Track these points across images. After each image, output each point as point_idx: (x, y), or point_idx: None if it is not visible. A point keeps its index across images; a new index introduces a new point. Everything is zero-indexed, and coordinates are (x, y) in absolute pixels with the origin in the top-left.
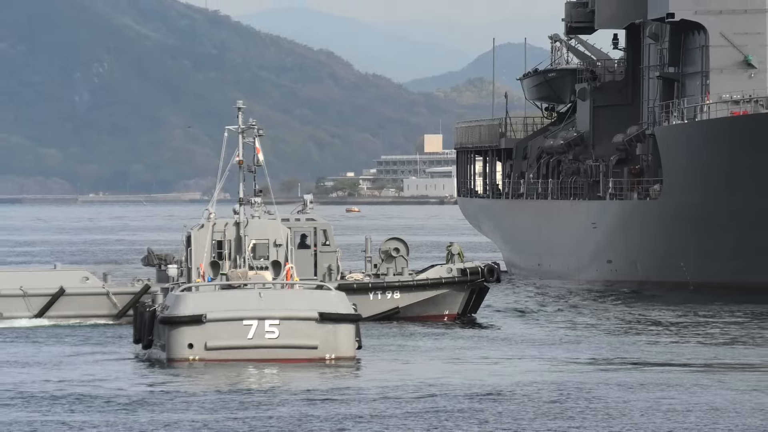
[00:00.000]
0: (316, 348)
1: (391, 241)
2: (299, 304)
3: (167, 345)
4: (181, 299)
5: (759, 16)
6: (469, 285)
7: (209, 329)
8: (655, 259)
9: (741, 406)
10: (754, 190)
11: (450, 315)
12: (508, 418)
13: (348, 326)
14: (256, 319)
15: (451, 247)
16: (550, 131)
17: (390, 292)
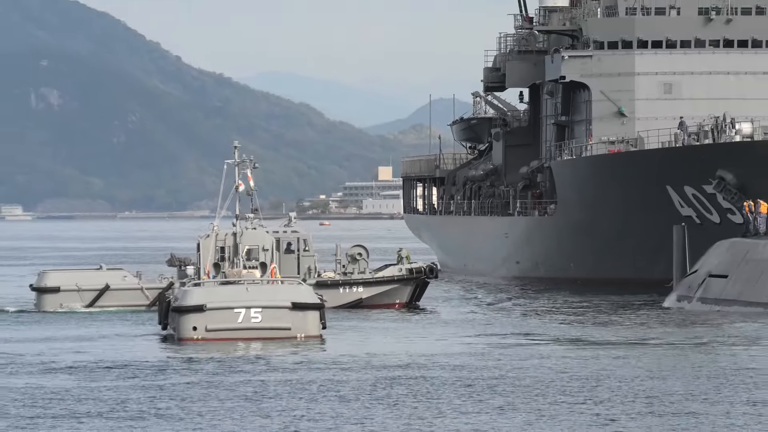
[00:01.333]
0: (289, 329)
1: (356, 247)
2: (277, 296)
3: (177, 327)
4: (187, 293)
5: (629, 78)
6: (415, 281)
7: (208, 315)
8: (552, 261)
9: (611, 373)
10: (624, 208)
11: (400, 304)
12: (440, 382)
13: (314, 312)
14: (244, 308)
15: (401, 251)
16: (473, 164)
17: (355, 286)
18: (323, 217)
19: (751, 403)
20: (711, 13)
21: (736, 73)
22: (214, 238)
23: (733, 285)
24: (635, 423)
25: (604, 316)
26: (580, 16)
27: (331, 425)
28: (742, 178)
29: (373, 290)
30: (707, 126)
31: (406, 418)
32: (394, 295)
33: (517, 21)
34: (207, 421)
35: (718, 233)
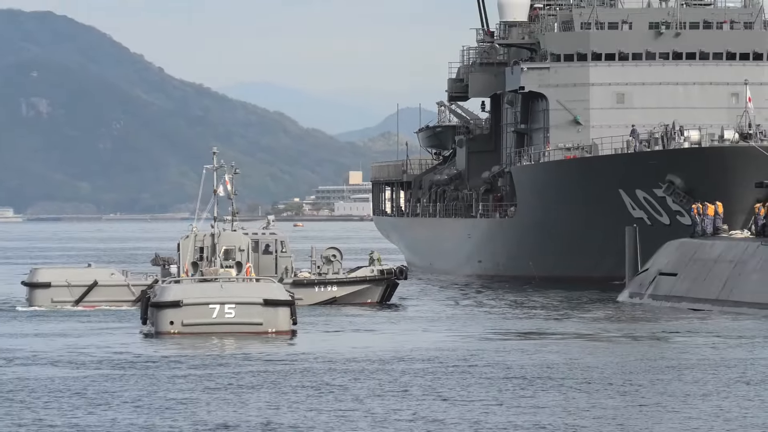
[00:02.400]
0: (261, 324)
1: (330, 249)
2: (249, 293)
3: (155, 322)
4: (165, 289)
5: (584, 88)
6: (386, 281)
7: (185, 311)
8: (512, 260)
9: (569, 364)
10: (579, 210)
11: (371, 302)
12: (406, 374)
13: (285, 308)
14: (218, 304)
15: (373, 254)
16: (438, 169)
17: (330, 285)
18: (297, 218)
19: (700, 392)
20: (661, 27)
21: (684, 83)
22: (194, 239)
23: (681, 282)
24: (594, 411)
25: (562, 311)
26: (538, 30)
27: (297, 416)
28: (690, 182)
29: (346, 289)
30: (657, 133)
31: (371, 409)
32: (366, 295)
33: (479, 35)
34: (174, 410)
35: (667, 234)
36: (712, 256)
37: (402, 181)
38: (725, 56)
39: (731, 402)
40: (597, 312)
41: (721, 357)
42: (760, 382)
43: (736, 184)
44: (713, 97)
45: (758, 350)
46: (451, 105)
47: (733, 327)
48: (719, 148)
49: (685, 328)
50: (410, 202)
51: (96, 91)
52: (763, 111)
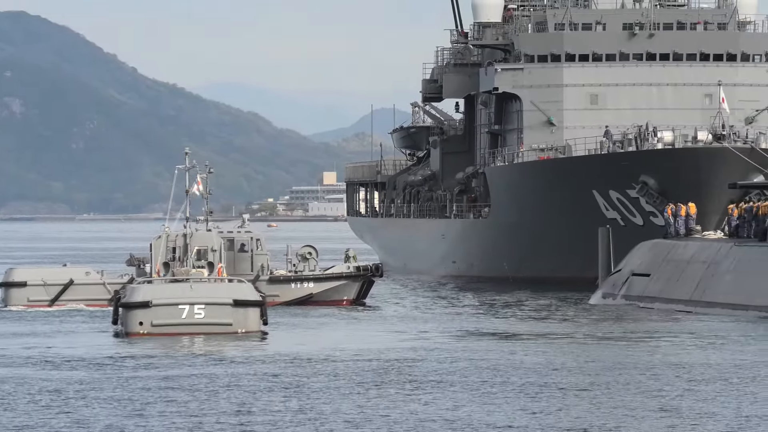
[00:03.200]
0: (231, 325)
1: (306, 247)
2: (219, 293)
3: (124, 322)
4: (134, 290)
5: (558, 89)
6: (362, 278)
7: (154, 311)
8: (486, 260)
9: (543, 364)
10: (553, 211)
11: (348, 300)
12: (377, 373)
13: (255, 309)
14: (187, 304)
15: (348, 251)
16: (412, 170)
17: (306, 282)
18: (271, 219)
19: (672, 393)
20: (635, 29)
21: (658, 84)
22: (165, 240)
23: (654, 283)
24: (567, 411)
25: (536, 312)
26: (512, 31)
27: (262, 417)
28: (663, 183)
29: (322, 286)
30: (631, 134)
31: (338, 410)
32: (342, 292)
33: (453, 36)
34: (138, 411)
35: (641, 235)
36: (685, 256)
37: (376, 182)
38: (699, 57)
39: (704, 402)
40: (569, 312)
41: (693, 358)
42: (733, 383)
43: (710, 185)
44: (687, 98)
45: (731, 351)
46: (425, 106)
47: (706, 328)
48: (693, 149)
49: (658, 329)
50: (384, 203)
51: (69, 91)
52: (737, 112)
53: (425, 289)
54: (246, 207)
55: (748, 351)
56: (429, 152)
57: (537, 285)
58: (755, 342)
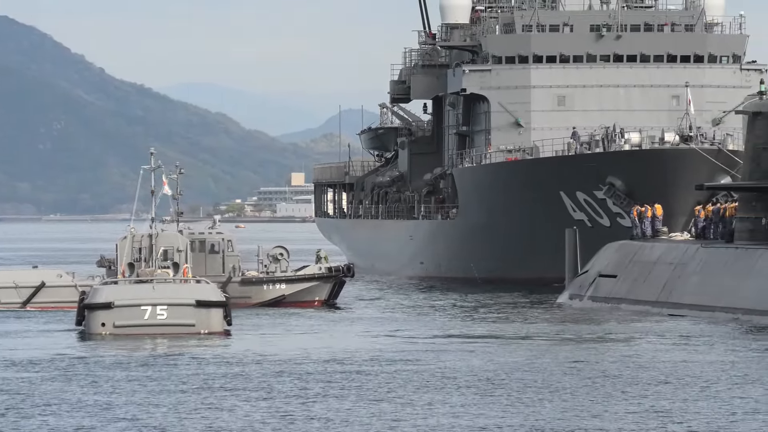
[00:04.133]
0: (193, 325)
1: (277, 248)
2: (182, 294)
3: (87, 323)
4: (97, 291)
5: (525, 91)
6: (333, 279)
7: (116, 312)
8: (453, 261)
9: (510, 366)
10: (520, 212)
11: (319, 300)
12: (340, 374)
13: (217, 310)
14: (150, 305)
15: (320, 252)
16: (380, 171)
17: (278, 284)
18: (239, 220)
19: (638, 393)
20: (602, 30)
21: (625, 86)
22: (131, 240)
23: (621, 284)
24: (534, 412)
25: (503, 313)
26: (479, 32)
27: (223, 417)
28: (630, 185)
29: (294, 287)
30: (598, 136)
31: (299, 410)
32: (314, 292)
33: (420, 37)
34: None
35: (608, 236)
36: (651, 258)
37: (344, 183)
38: (666, 59)
39: (668, 402)
40: (536, 314)
41: (659, 359)
42: (698, 383)
43: (677, 187)
44: (654, 100)
45: (697, 352)
46: (393, 107)
47: (672, 329)
48: (659, 151)
49: (624, 330)
50: (352, 204)
51: (37, 92)
52: (704, 113)
53: (392, 290)
54: (213, 208)
55: (714, 352)
56: (397, 153)
57: (504, 286)
58: (721, 343)
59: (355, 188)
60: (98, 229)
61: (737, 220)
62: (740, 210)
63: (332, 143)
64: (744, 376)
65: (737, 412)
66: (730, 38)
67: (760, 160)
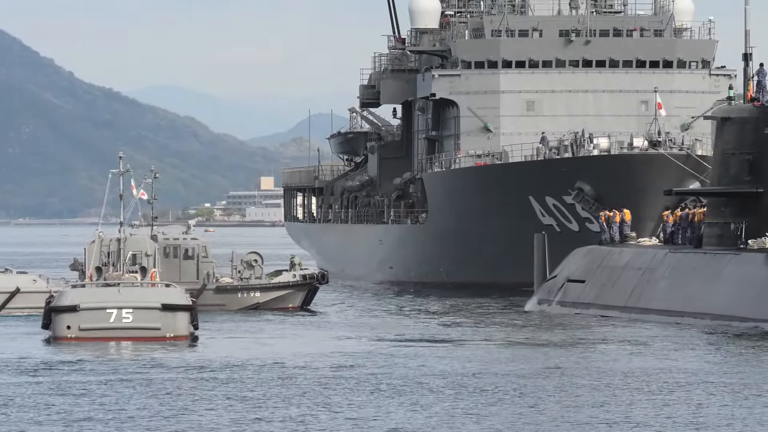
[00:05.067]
0: (159, 329)
1: (251, 254)
2: (148, 298)
3: (53, 327)
4: (63, 294)
5: (495, 96)
6: (307, 286)
7: (82, 315)
8: (423, 266)
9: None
10: (490, 217)
11: (293, 307)
12: (307, 379)
13: (184, 313)
14: (115, 308)
15: (293, 258)
16: (350, 175)
17: (253, 291)
18: (207, 224)
19: (605, 399)
20: (571, 35)
21: (594, 91)
22: (99, 244)
23: (589, 289)
24: (499, 417)
25: (472, 318)
26: (449, 37)
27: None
28: (599, 190)
29: (269, 295)
30: (567, 141)
31: (260, 415)
32: (288, 300)
33: (390, 41)
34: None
35: (577, 241)
36: (620, 263)
37: (314, 187)
38: (635, 64)
39: (639, 408)
40: (505, 318)
41: (627, 364)
42: (666, 389)
43: (645, 192)
44: (623, 105)
45: (665, 357)
46: (362, 111)
47: (640, 334)
48: (628, 156)
49: (592, 335)
50: (322, 208)
51: (5, 95)
52: (673, 119)
53: (362, 295)
54: (183, 212)
55: (683, 357)
56: (367, 158)
57: (473, 290)
58: (690, 349)
59: (324, 192)
60: (67, 233)
61: (706, 226)
62: (709, 215)
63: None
64: (712, 382)
65: (705, 417)
66: (699, 43)
67: (729, 166)
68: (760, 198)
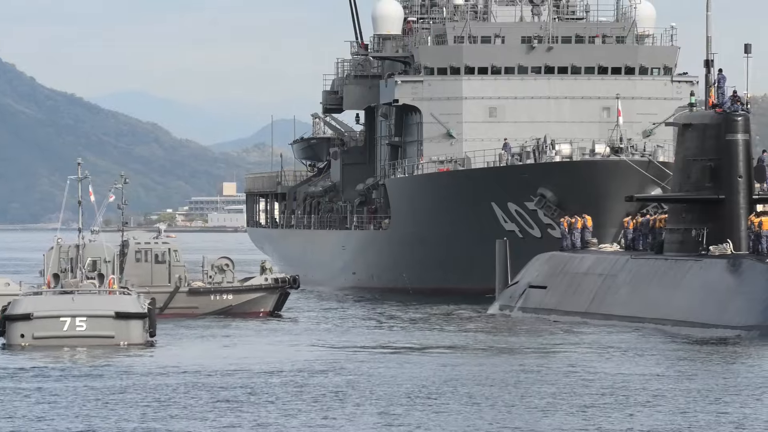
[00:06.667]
0: (113, 337)
1: (222, 259)
2: (101, 305)
3: (7, 335)
4: (18, 302)
5: (458, 102)
6: (279, 290)
7: (35, 323)
8: (386, 272)
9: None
10: (452, 223)
11: (265, 311)
12: (261, 385)
13: (138, 321)
14: (69, 317)
15: (264, 263)
16: (312, 181)
17: (225, 294)
18: (170, 230)
19: (565, 404)
20: (533, 42)
21: (556, 97)
22: (57, 251)
23: (551, 295)
24: (464, 424)
25: (433, 323)
26: (412, 43)
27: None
28: (561, 196)
29: (241, 298)
30: (529, 147)
31: (208, 424)
32: (260, 303)
33: (353, 47)
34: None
35: (539, 247)
36: (581, 269)
37: (276, 193)
38: (597, 70)
39: (599, 412)
40: (466, 324)
41: (588, 369)
42: (627, 394)
43: (607, 198)
44: (585, 111)
45: (626, 363)
46: (325, 117)
47: (601, 340)
48: (590, 162)
49: (553, 341)
50: (285, 214)
51: None
52: (635, 125)
53: (324, 301)
54: (144, 218)
55: (643, 363)
56: (329, 163)
57: (436, 296)
58: (650, 354)
59: (287, 198)
60: (29, 239)
61: (667, 232)
62: (670, 221)
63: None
64: (673, 388)
65: (665, 422)
66: (661, 50)
67: (690, 172)
68: (722, 204)
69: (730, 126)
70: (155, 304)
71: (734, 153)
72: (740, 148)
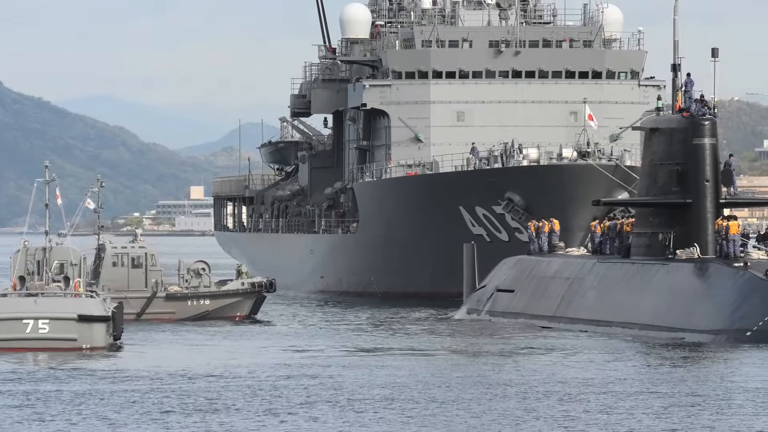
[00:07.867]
0: (75, 340)
1: (199, 263)
2: (64, 308)
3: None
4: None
5: (426, 106)
6: (255, 294)
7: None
8: (354, 275)
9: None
10: (420, 227)
11: (241, 315)
12: (221, 391)
13: (101, 324)
14: (32, 319)
15: (240, 267)
16: (280, 185)
17: (203, 299)
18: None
19: (533, 407)
20: (501, 46)
21: (524, 102)
22: (24, 254)
23: (518, 299)
24: (429, 426)
25: (401, 327)
26: (380, 47)
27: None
28: (528, 200)
29: (218, 303)
30: (497, 151)
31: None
32: (236, 308)
33: (321, 51)
34: None
35: (507, 251)
36: (548, 273)
37: (244, 197)
38: (564, 75)
39: (565, 416)
40: (434, 328)
41: (554, 373)
42: (594, 398)
43: (574, 202)
44: (552, 116)
45: (593, 367)
46: (293, 121)
47: (568, 344)
48: (557, 166)
49: (520, 345)
50: (252, 218)
51: None
52: (602, 129)
53: (292, 305)
54: (112, 221)
55: (610, 367)
56: (297, 167)
57: (404, 300)
58: (617, 358)
59: (255, 202)
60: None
61: (634, 236)
62: (637, 225)
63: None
64: (639, 392)
65: (631, 426)
66: (628, 54)
67: (657, 176)
68: (688, 208)
69: (697, 130)
70: (122, 308)
71: (701, 157)
72: (707, 152)
